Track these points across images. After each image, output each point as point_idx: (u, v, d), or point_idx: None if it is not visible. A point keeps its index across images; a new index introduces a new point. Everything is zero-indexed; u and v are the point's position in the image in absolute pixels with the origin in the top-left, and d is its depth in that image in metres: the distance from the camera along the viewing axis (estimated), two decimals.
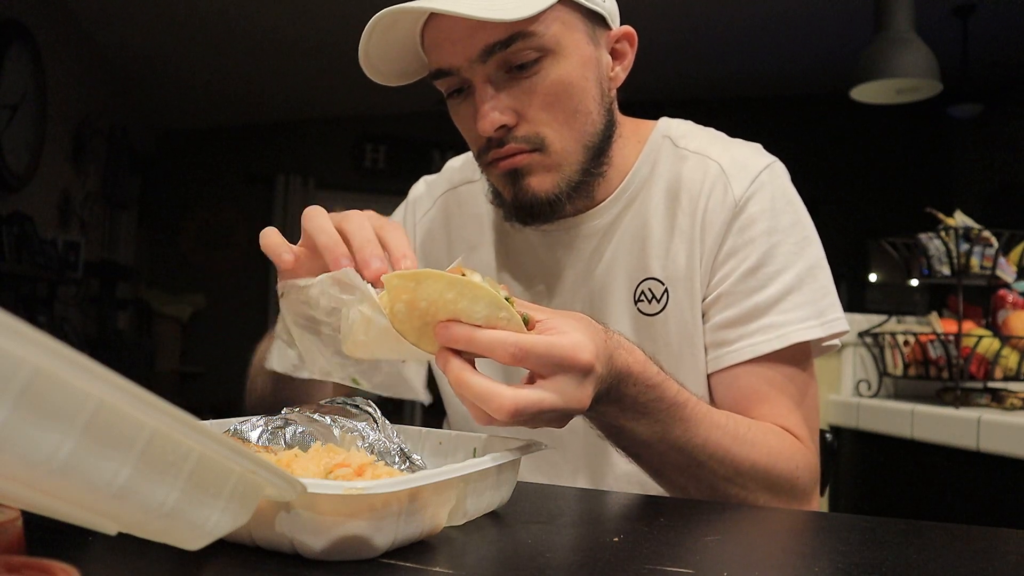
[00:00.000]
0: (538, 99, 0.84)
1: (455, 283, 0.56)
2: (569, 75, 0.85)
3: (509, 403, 0.57)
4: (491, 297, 0.55)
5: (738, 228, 0.91)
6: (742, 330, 0.89)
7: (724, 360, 0.90)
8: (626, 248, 0.95)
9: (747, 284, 0.89)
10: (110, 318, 4.89)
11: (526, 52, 0.83)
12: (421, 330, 0.59)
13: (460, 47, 0.83)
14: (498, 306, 0.56)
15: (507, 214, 0.93)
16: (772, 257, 0.89)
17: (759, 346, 0.88)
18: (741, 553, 0.56)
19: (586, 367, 0.60)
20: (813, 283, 0.90)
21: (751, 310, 0.89)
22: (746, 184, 0.91)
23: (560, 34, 0.84)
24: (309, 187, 6.11)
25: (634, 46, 0.94)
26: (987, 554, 0.60)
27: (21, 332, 0.28)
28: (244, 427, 0.65)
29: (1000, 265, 2.16)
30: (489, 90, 0.84)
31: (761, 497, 0.82)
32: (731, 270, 0.90)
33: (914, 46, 2.95)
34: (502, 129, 0.85)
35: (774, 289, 0.89)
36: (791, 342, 0.87)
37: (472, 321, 0.56)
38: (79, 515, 0.36)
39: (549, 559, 0.52)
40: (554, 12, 0.83)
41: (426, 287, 0.57)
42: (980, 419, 1.81)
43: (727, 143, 0.98)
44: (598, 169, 0.92)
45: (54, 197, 4.17)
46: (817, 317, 0.88)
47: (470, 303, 0.56)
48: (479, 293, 0.55)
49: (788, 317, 0.88)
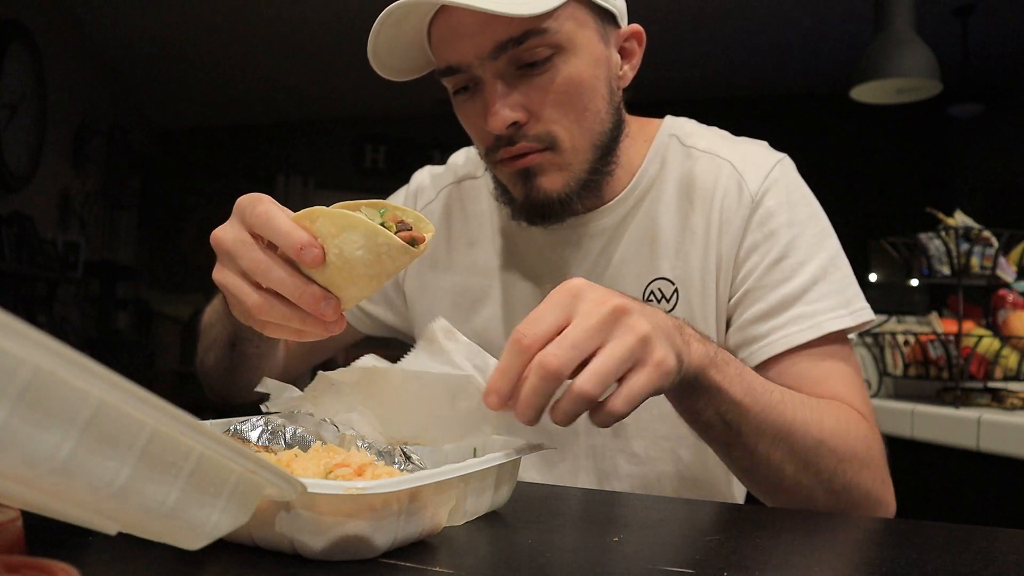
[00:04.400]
0: (550, 97, 0.84)
1: (335, 217, 0.56)
2: (581, 73, 0.84)
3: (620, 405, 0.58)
4: (366, 226, 0.56)
5: (757, 223, 0.90)
6: (773, 323, 0.87)
7: (760, 354, 0.87)
8: (635, 248, 0.95)
9: (772, 276, 0.88)
10: (110, 318, 4.89)
11: (539, 49, 0.82)
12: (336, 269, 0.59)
13: (471, 43, 0.82)
14: (374, 233, 0.56)
15: (515, 213, 0.92)
16: (795, 248, 0.89)
17: (793, 336, 0.86)
18: (741, 553, 0.56)
19: (573, 290, 0.60)
20: (836, 273, 0.89)
21: (779, 302, 0.87)
22: (760, 180, 0.91)
23: (573, 31, 0.83)
24: (309, 187, 6.11)
25: (642, 45, 0.94)
26: (987, 554, 0.60)
27: (21, 332, 0.28)
28: (244, 427, 0.65)
29: (1000, 265, 2.16)
30: (500, 87, 0.83)
31: (846, 467, 0.78)
32: (755, 264, 0.90)
33: (914, 46, 2.95)
34: (513, 127, 0.84)
35: (800, 280, 0.88)
36: (825, 331, 0.86)
37: (353, 250, 0.56)
38: (79, 515, 0.36)
39: (549, 559, 0.52)
40: (567, 9, 0.82)
41: (319, 225, 0.57)
42: (980, 419, 1.81)
43: (734, 141, 0.98)
44: (606, 168, 0.91)
45: (54, 197, 4.17)
46: (845, 306, 0.88)
47: (349, 233, 0.56)
48: (355, 222, 0.56)
49: (817, 307, 0.87)
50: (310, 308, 0.59)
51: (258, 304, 0.61)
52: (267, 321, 0.63)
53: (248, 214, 0.60)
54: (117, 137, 4.94)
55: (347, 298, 0.61)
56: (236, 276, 0.62)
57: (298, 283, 0.59)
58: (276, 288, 0.60)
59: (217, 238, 0.62)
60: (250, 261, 0.60)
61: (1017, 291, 2.23)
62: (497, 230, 1.03)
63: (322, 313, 0.59)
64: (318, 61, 4.77)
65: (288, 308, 0.61)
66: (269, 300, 0.61)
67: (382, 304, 1.11)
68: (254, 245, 0.60)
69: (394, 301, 1.10)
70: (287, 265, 0.59)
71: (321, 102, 5.70)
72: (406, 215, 0.60)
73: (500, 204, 1.00)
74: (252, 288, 0.61)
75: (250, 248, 0.60)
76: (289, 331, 0.63)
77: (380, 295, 1.10)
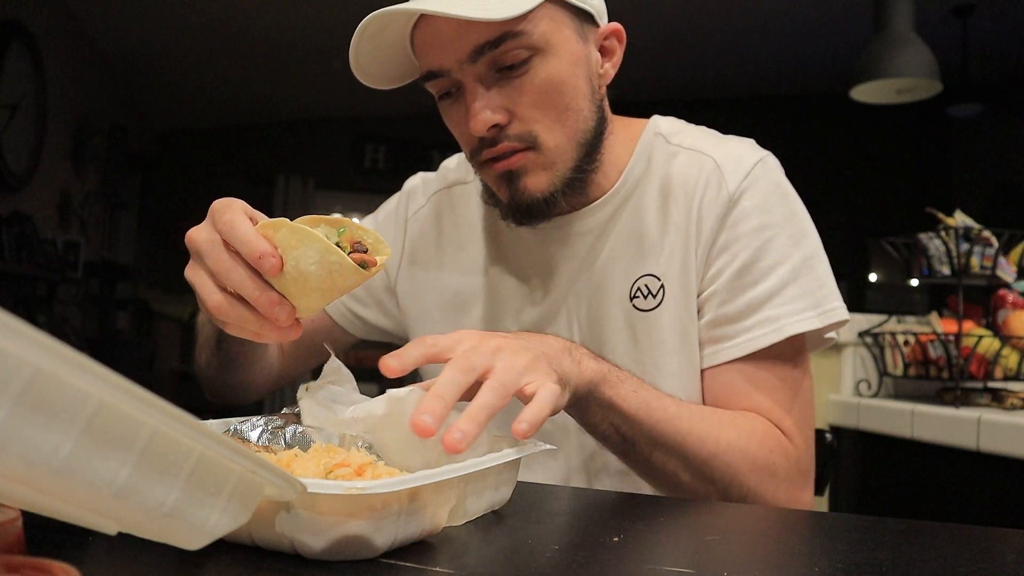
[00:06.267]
0: (529, 97, 0.85)
1: (296, 231, 0.59)
2: (559, 73, 0.85)
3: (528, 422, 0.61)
4: (321, 244, 0.58)
5: (731, 223, 0.91)
6: (738, 326, 0.89)
7: (719, 356, 0.90)
8: (623, 245, 0.95)
9: (741, 281, 0.89)
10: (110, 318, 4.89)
11: (516, 51, 0.83)
12: (292, 280, 0.61)
13: (450, 48, 0.83)
14: (327, 251, 0.58)
15: (503, 213, 0.94)
16: (766, 252, 0.89)
17: (755, 341, 0.88)
18: (741, 553, 0.56)
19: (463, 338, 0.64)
20: (809, 274, 0.90)
21: (747, 306, 0.89)
22: (740, 178, 0.91)
23: (549, 32, 0.85)
24: (309, 187, 6.11)
25: (623, 43, 0.94)
26: (987, 554, 0.60)
27: (21, 332, 0.28)
28: (244, 427, 0.65)
29: (1000, 265, 2.16)
30: (480, 90, 0.85)
31: (744, 479, 0.83)
32: (724, 265, 0.90)
33: (914, 46, 2.95)
34: (494, 128, 0.85)
35: (769, 284, 0.89)
36: (787, 335, 0.87)
37: (308, 264, 0.59)
38: (79, 515, 0.36)
39: (549, 559, 0.52)
40: (542, 10, 0.84)
41: (281, 235, 0.60)
42: (980, 419, 1.82)
43: (720, 139, 0.98)
44: (591, 166, 0.92)
45: (54, 197, 4.17)
46: (814, 308, 0.88)
47: (306, 248, 0.59)
48: (311, 239, 0.58)
49: (783, 310, 0.88)
50: (265, 312, 0.62)
51: (217, 304, 0.64)
52: (226, 321, 0.66)
53: (217, 219, 0.63)
54: (117, 137, 4.94)
55: (301, 307, 0.63)
56: (204, 274, 0.65)
57: (256, 287, 0.62)
58: (236, 290, 0.63)
59: (190, 237, 0.66)
60: (215, 261, 0.63)
61: (1017, 291, 2.23)
62: (487, 232, 1.04)
63: (276, 317, 0.62)
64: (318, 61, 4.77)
65: (246, 310, 0.64)
66: (229, 301, 0.64)
67: (374, 308, 1.12)
68: (222, 247, 0.63)
69: (386, 305, 1.11)
70: (249, 270, 0.62)
71: (321, 102, 5.71)
72: (366, 235, 0.63)
73: (489, 206, 1.00)
74: (215, 288, 0.64)
75: (218, 249, 0.63)
76: (247, 332, 0.66)
77: (372, 299, 1.11)
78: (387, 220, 1.13)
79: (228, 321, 0.65)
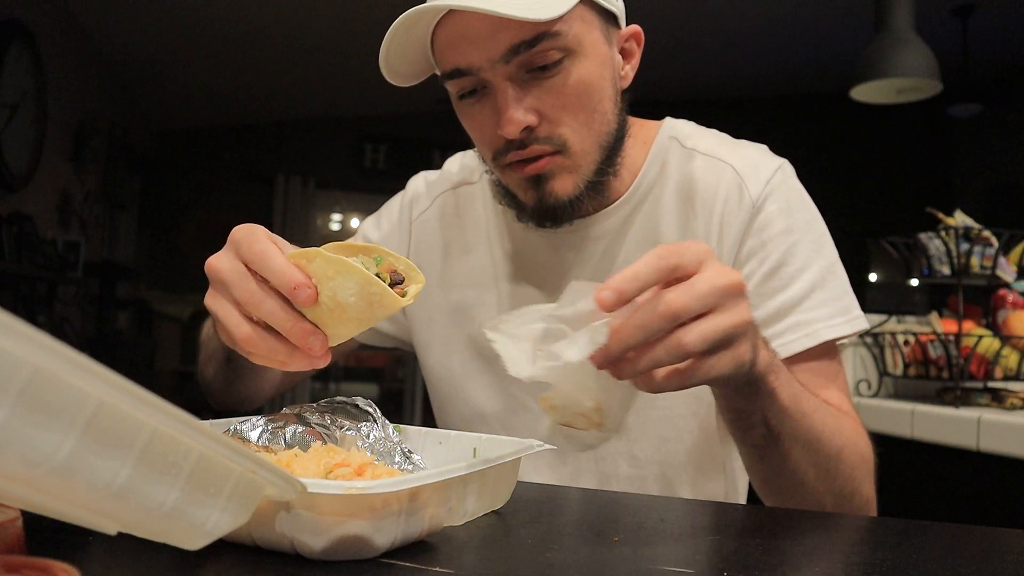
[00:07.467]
0: (560, 100, 0.83)
1: (332, 262, 0.58)
2: (589, 75, 0.84)
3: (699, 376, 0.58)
4: (361, 275, 0.58)
5: (756, 229, 0.90)
6: (770, 331, 0.88)
7: None
8: (637, 250, 0.94)
9: (770, 285, 0.89)
10: (110, 318, 4.89)
11: (551, 52, 0.81)
12: (327, 309, 0.60)
13: (482, 47, 0.81)
14: (368, 283, 0.58)
15: (522, 216, 0.92)
16: (792, 256, 0.89)
17: (791, 345, 0.87)
18: (741, 553, 0.56)
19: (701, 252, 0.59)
20: (835, 280, 0.90)
21: (776, 310, 0.88)
22: (761, 185, 0.91)
23: (581, 34, 0.83)
24: (309, 187, 6.10)
25: (641, 45, 0.94)
26: (987, 554, 0.60)
27: (21, 332, 0.28)
28: (244, 427, 0.65)
29: (1000, 265, 2.16)
30: (512, 91, 0.82)
31: (857, 472, 0.80)
32: (752, 271, 0.90)
33: (914, 46, 2.95)
34: (525, 131, 0.83)
35: (798, 287, 0.88)
36: (822, 340, 0.87)
37: (346, 295, 0.58)
38: (79, 515, 0.36)
39: (549, 559, 0.52)
40: (576, 11, 0.82)
41: (315, 266, 0.59)
42: (980, 419, 1.81)
43: (735, 144, 0.98)
44: (611, 168, 0.91)
45: (54, 197, 4.17)
46: (843, 314, 0.88)
47: (344, 279, 0.58)
48: (351, 270, 0.58)
49: (814, 315, 0.87)
50: (300, 343, 0.60)
51: (247, 336, 0.62)
52: (254, 352, 0.63)
53: (245, 249, 0.61)
54: (117, 137, 4.94)
55: (333, 336, 0.62)
56: (228, 304, 0.63)
57: (289, 317, 0.60)
58: (267, 320, 0.61)
59: (212, 267, 0.63)
60: (244, 291, 0.61)
61: (1017, 291, 2.23)
62: (494, 235, 1.03)
63: (310, 347, 0.60)
64: (318, 61, 4.77)
65: (276, 341, 0.62)
66: (259, 332, 0.62)
67: None
68: (249, 276, 0.61)
69: None
70: (280, 300, 0.60)
71: (321, 102, 5.70)
72: (398, 263, 0.62)
73: (499, 208, 0.99)
74: (243, 319, 0.62)
75: (245, 279, 0.61)
76: (273, 361, 0.64)
77: None
78: (391, 226, 1.11)
79: (257, 353, 0.63)
